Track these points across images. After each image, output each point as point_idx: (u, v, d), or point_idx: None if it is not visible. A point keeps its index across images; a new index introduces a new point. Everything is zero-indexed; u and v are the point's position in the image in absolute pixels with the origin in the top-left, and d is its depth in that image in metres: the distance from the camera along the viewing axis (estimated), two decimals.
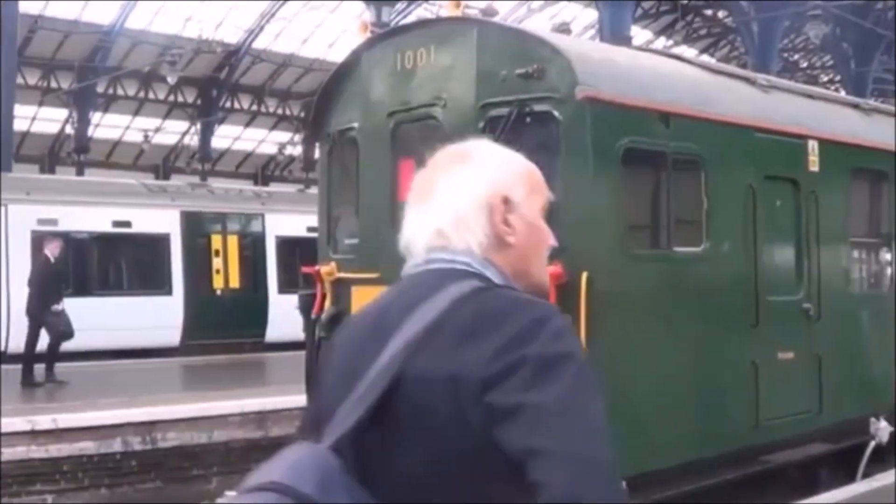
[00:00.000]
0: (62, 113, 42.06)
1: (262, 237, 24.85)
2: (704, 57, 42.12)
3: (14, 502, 12.43)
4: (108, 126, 44.58)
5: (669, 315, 8.33)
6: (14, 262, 20.00)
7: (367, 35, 9.96)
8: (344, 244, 9.96)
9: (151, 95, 43.78)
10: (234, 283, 24.34)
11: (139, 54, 39.27)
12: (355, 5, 33.34)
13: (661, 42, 44.53)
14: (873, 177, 11.16)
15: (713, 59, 44.39)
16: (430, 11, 35.35)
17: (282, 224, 24.64)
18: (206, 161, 45.39)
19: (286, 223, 24.44)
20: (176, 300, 22.92)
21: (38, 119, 42.15)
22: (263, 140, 50.37)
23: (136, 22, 38.39)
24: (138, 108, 44.59)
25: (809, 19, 31.61)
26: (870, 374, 10.63)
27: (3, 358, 18.19)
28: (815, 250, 9.85)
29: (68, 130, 42.31)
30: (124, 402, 14.50)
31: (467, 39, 8.57)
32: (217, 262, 24.09)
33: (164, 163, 47.86)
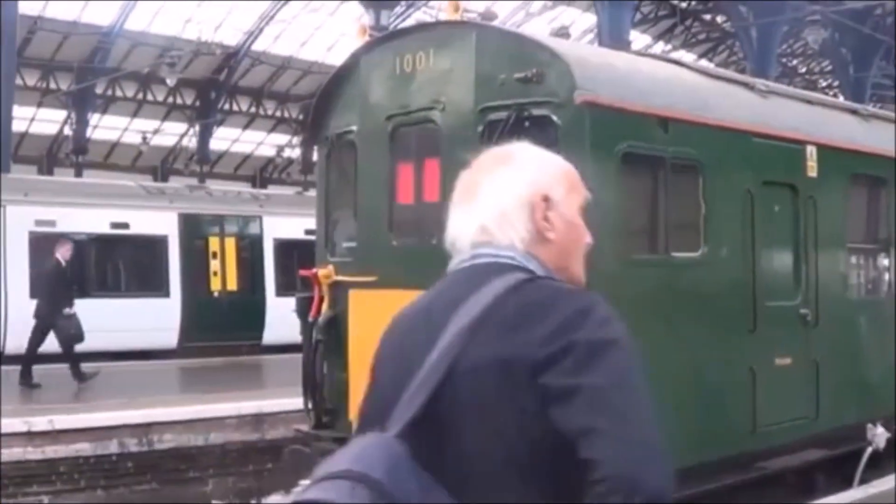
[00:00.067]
0: (61, 114, 42.02)
1: (260, 240, 24.83)
2: (703, 62, 42.12)
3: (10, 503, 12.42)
4: (107, 127, 44.57)
5: (667, 320, 8.30)
6: (12, 263, 20.00)
7: (366, 38, 9.93)
8: (342, 247, 9.95)
9: (150, 97, 43.76)
10: (232, 285, 24.32)
11: (138, 56, 39.23)
12: (354, 8, 33.38)
13: (659, 46, 44.60)
14: (871, 182, 11.16)
15: (712, 63, 44.34)
16: (429, 15, 35.32)
17: (280, 226, 24.62)
18: (204, 163, 45.34)
19: (284, 226, 24.42)
20: (173, 302, 22.90)
21: (37, 120, 42.11)
22: (262, 142, 50.35)
23: (135, 23, 38.38)
24: (137, 109, 44.58)
25: (808, 24, 31.62)
26: (867, 380, 10.63)
27: (2, 359, 18.15)
28: (812, 256, 9.85)
29: (67, 131, 42.26)
30: (121, 403, 14.49)
31: (466, 43, 8.56)
32: (215, 265, 24.07)
33: (162, 164, 47.84)
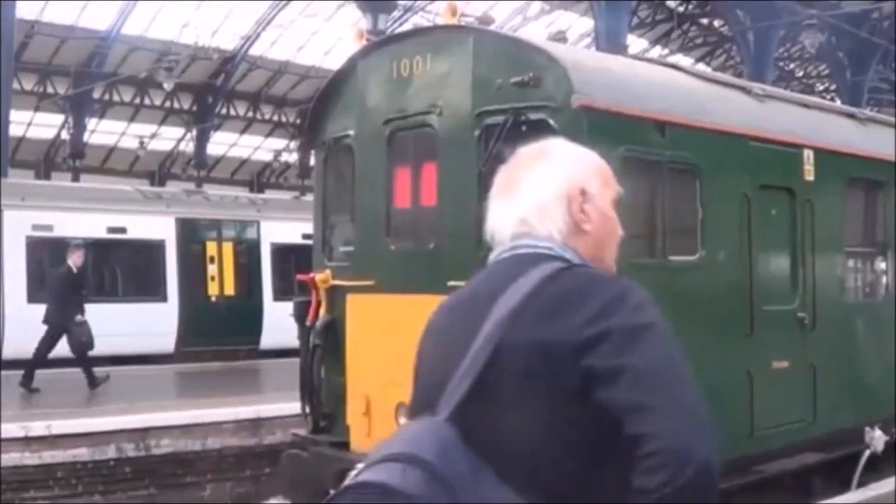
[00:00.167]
0: (58, 118, 42.02)
1: (258, 244, 24.80)
2: (700, 66, 42.16)
3: None
4: (104, 132, 44.59)
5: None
6: (9, 267, 19.97)
7: (364, 43, 9.92)
8: (339, 251, 9.94)
9: (147, 101, 43.79)
10: (229, 290, 24.29)
11: (135, 60, 39.24)
12: (351, 13, 33.40)
13: (657, 51, 44.62)
14: (868, 186, 11.18)
15: (709, 68, 44.42)
16: (426, 19, 35.35)
17: (277, 231, 24.60)
18: (201, 167, 45.31)
19: (281, 230, 24.40)
20: (171, 307, 22.85)
21: (34, 124, 42.15)
22: (259, 147, 50.39)
23: (132, 28, 38.40)
24: (134, 114, 44.59)
25: (805, 28, 31.63)
26: (864, 384, 10.63)
27: (0, 363, 18.11)
28: (810, 259, 9.85)
29: (64, 136, 42.23)
30: (118, 408, 14.47)
31: (463, 48, 8.56)
32: (212, 269, 24.04)
33: (159, 169, 47.85)
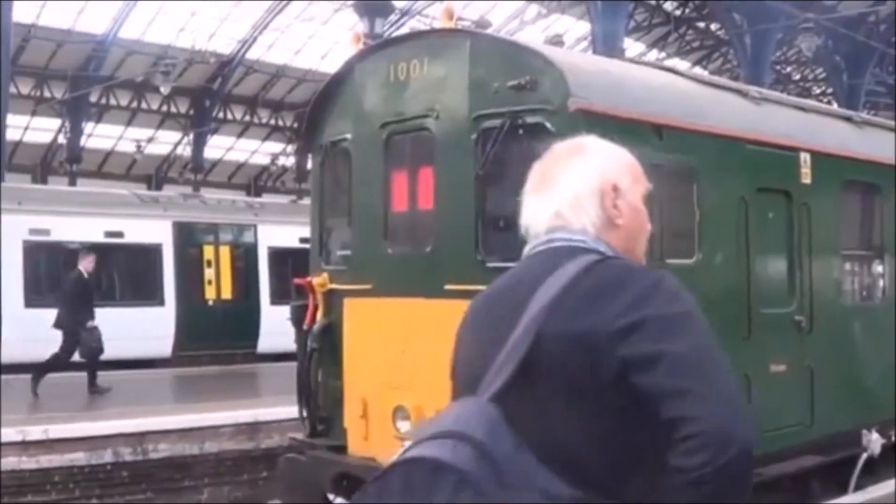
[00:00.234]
0: (55, 122, 41.98)
1: (255, 248, 24.80)
2: (697, 69, 42.20)
3: None
4: (101, 136, 44.56)
5: None
6: (6, 272, 19.94)
7: (360, 46, 9.93)
8: (336, 255, 9.94)
9: (144, 105, 43.73)
10: (227, 293, 24.30)
11: (132, 64, 39.23)
12: (348, 17, 33.39)
13: (653, 54, 44.63)
14: (865, 189, 11.18)
15: (706, 71, 44.48)
16: (423, 23, 35.39)
17: (274, 235, 24.60)
18: (198, 171, 45.31)
19: (278, 234, 24.40)
20: (168, 311, 22.86)
21: (31, 128, 42.08)
22: (256, 151, 50.36)
23: (129, 32, 38.36)
24: (131, 118, 44.56)
25: (802, 32, 31.62)
26: (862, 387, 10.63)
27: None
28: (807, 262, 9.85)
29: (61, 140, 42.23)
30: (115, 412, 14.46)
31: (460, 51, 8.56)
32: (209, 273, 24.04)
33: (156, 173, 47.84)
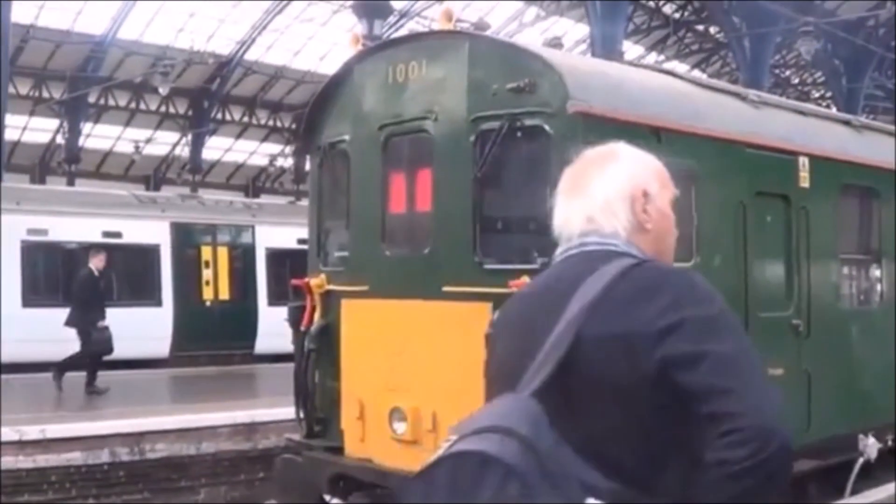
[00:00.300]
0: (53, 123, 42.00)
1: (252, 249, 24.82)
2: (696, 72, 42.22)
3: None
4: (99, 136, 44.59)
5: None
6: (4, 271, 19.95)
7: (359, 48, 9.92)
8: (334, 256, 9.93)
9: (143, 106, 43.74)
10: (224, 294, 24.30)
11: (131, 65, 39.23)
12: (347, 18, 33.40)
13: (652, 57, 44.66)
14: (864, 193, 11.17)
15: (705, 74, 44.49)
16: (422, 25, 35.40)
17: (272, 236, 24.62)
18: (196, 172, 45.31)
19: (276, 235, 24.40)
20: (165, 311, 22.87)
21: (29, 129, 42.09)
22: (254, 152, 50.37)
23: (128, 32, 38.35)
24: (129, 118, 44.56)
25: (801, 35, 31.64)
26: (859, 391, 10.63)
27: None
28: (805, 266, 9.85)
29: (59, 140, 42.25)
30: (113, 412, 14.45)
31: (459, 53, 8.56)
32: (207, 274, 24.04)
33: (154, 174, 47.86)
